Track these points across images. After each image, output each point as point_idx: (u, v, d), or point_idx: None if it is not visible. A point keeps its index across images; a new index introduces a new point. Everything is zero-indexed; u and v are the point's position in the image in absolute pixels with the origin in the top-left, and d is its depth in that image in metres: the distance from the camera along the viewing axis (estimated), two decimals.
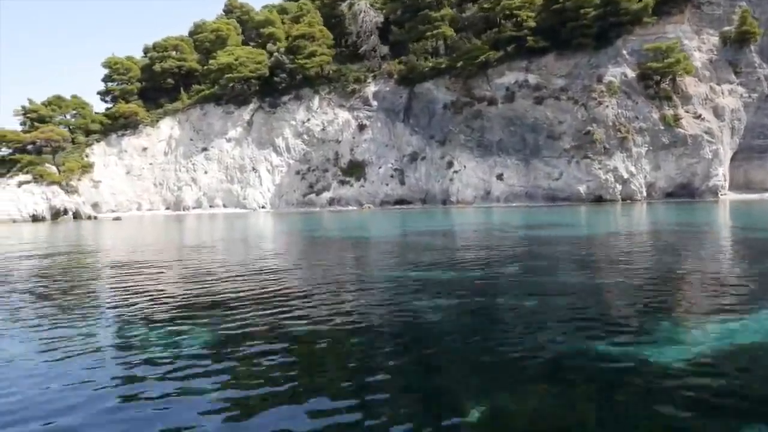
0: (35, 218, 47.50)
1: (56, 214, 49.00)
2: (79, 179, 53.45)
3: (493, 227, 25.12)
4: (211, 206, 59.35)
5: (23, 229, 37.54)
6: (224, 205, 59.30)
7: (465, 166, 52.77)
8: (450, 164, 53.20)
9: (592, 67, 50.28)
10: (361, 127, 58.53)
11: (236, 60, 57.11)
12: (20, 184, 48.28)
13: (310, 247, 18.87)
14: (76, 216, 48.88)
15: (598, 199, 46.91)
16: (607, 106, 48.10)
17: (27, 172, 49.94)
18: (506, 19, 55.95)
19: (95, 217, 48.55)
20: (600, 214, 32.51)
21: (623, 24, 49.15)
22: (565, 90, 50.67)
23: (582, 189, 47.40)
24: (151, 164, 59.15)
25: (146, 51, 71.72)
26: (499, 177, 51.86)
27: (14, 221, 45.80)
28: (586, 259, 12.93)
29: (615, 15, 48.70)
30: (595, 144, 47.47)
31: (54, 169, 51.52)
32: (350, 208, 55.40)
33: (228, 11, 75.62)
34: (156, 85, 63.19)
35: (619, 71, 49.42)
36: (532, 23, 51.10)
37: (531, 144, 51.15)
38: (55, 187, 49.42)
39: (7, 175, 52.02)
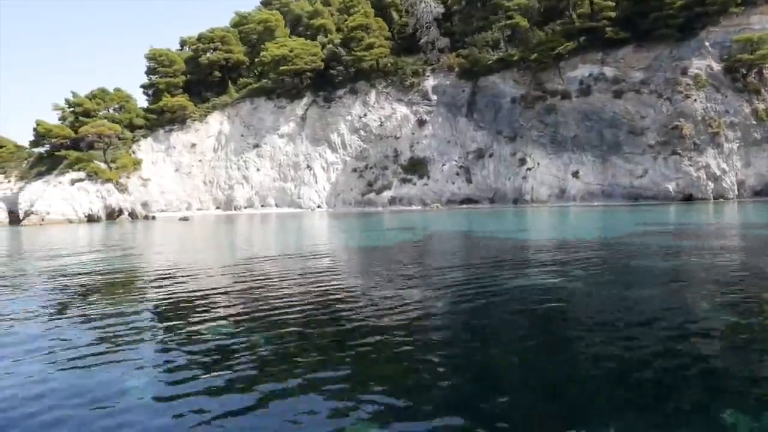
0: (90, 218, 44.45)
1: (110, 214, 45.97)
2: (128, 177, 50.38)
3: (617, 231, 22.44)
4: (262, 206, 56.52)
5: (92, 231, 34.56)
6: (276, 205, 56.49)
7: (538, 164, 50.30)
8: (522, 161, 50.68)
9: (675, 60, 47.90)
10: (421, 123, 55.93)
11: (291, 52, 54.23)
12: (73, 182, 45.15)
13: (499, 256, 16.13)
14: (132, 216, 45.83)
15: (688, 198, 44.56)
16: (695, 100, 45.78)
17: (79, 169, 46.81)
18: (575, 8, 53.73)
19: (153, 217, 45.54)
20: (706, 214, 29.90)
21: (709, 14, 46.85)
22: (646, 83, 48.29)
23: (671, 187, 45.02)
24: (200, 161, 56.19)
25: (183, 44, 68.78)
26: (575, 174, 49.42)
27: (70, 221, 42.73)
28: None
29: (701, 4, 46.40)
30: (684, 139, 45.12)
31: (104, 166, 48.41)
32: (413, 207, 52.78)
33: (266, 3, 72.64)
34: (201, 78, 60.17)
35: (704, 63, 47.08)
36: (611, 13, 48.58)
37: (609, 140, 48.73)
38: (110, 186, 46.43)
39: (55, 172, 48.91)
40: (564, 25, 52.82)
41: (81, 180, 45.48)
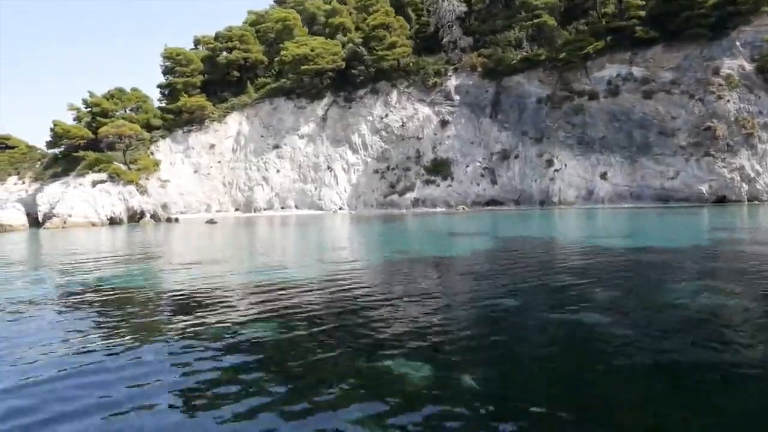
0: (112, 221, 43.42)
1: (132, 217, 44.95)
2: (147, 179, 49.36)
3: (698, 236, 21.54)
4: (282, 207, 55.57)
5: (123, 235, 33.57)
6: (296, 207, 55.54)
7: (565, 165, 49.53)
8: (549, 162, 49.90)
9: (705, 60, 47.23)
10: (444, 123, 55.10)
11: (312, 51, 53.30)
12: (94, 183, 44.10)
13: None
14: (154, 218, 44.80)
15: (721, 200, 43.86)
16: (728, 101, 45.11)
17: (99, 171, 45.76)
18: (600, 7, 53.06)
19: (176, 220, 44.51)
20: (743, 217, 29.14)
21: (741, 14, 46.21)
22: (676, 83, 47.60)
23: (704, 189, 44.31)
24: (219, 162, 55.19)
25: (197, 42, 67.72)
26: (603, 176, 48.66)
27: (93, 224, 41.69)
28: None
29: (733, 4, 45.74)
30: (717, 140, 44.44)
31: (124, 167, 47.36)
32: (437, 209, 51.95)
33: (280, 1, 71.69)
34: (218, 78, 59.15)
35: (735, 63, 46.44)
36: (640, 12, 47.85)
37: (638, 141, 48.01)
38: (131, 187, 45.38)
39: (74, 174, 47.86)
40: (590, 24, 52.11)
41: (102, 182, 44.41)
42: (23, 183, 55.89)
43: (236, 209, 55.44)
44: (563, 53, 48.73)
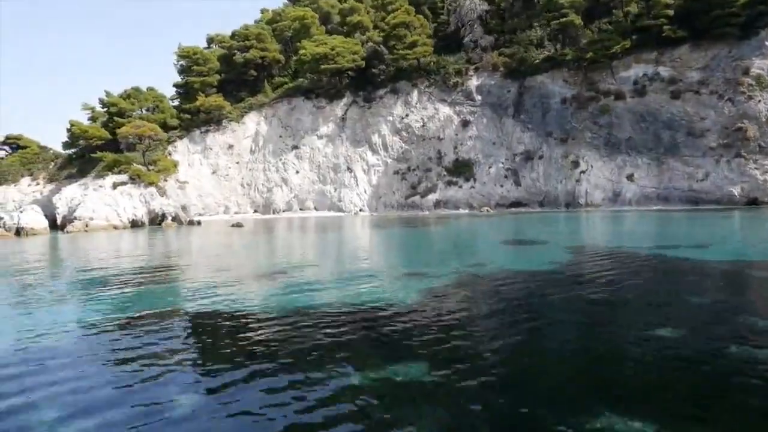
0: (134, 224, 42.55)
1: (153, 219, 44.06)
2: (165, 180, 48.46)
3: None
4: (301, 209, 54.74)
5: (155, 240, 32.76)
6: (316, 208, 54.73)
7: (592, 166, 48.86)
8: (575, 164, 49.19)
9: (734, 59, 46.54)
10: (465, 124, 54.32)
11: (332, 50, 52.41)
12: (115, 185, 43.18)
13: None
14: (176, 221, 43.91)
15: (753, 202, 43.23)
16: (759, 101, 44.46)
17: (119, 172, 44.83)
18: (624, 6, 52.34)
19: (198, 222, 43.61)
20: None
21: None
22: (704, 83, 46.91)
23: (735, 191, 43.67)
24: (237, 163, 54.32)
25: (210, 41, 66.78)
26: (629, 178, 48.00)
27: (115, 227, 40.80)
28: None
29: (763, 2, 45.04)
30: (748, 142, 43.80)
31: (144, 168, 46.44)
32: (461, 211, 51.21)
33: (295, 0, 70.71)
34: (234, 77, 58.20)
35: (765, 63, 45.72)
36: (668, 11, 47.11)
37: (666, 142, 47.34)
38: (153, 189, 44.48)
39: (92, 175, 46.92)
40: (613, 23, 51.38)
41: (123, 183, 43.49)
42: (37, 184, 54.96)
43: (255, 211, 54.60)
44: (590, 53, 47.93)
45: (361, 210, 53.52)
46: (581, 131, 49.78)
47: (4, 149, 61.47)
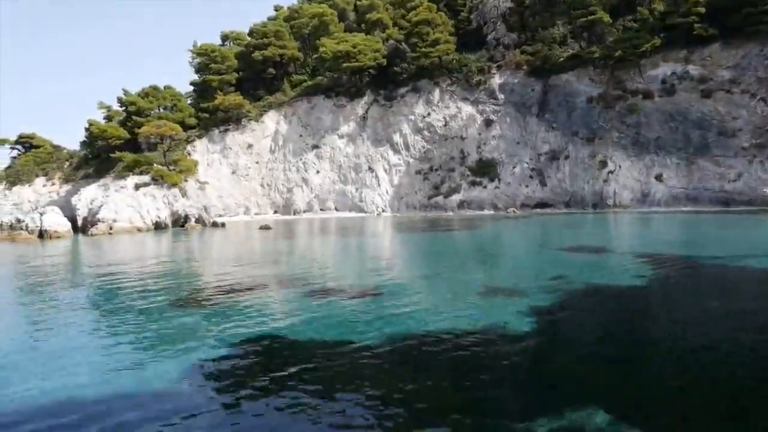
0: (158, 226, 41.67)
1: (176, 221, 43.20)
2: (185, 180, 47.55)
3: None
4: (321, 209, 53.87)
5: (185, 244, 31.92)
6: (336, 209, 53.86)
7: (620, 166, 48.10)
8: (603, 164, 48.42)
9: (766, 58, 45.82)
10: (488, 123, 53.49)
11: (354, 48, 51.48)
12: (137, 186, 42.27)
13: None
14: (200, 223, 43.03)
15: None
16: None
17: (141, 173, 43.92)
18: (651, 3, 51.48)
19: (223, 224, 42.72)
20: None
21: None
22: (735, 82, 46.15)
23: None
24: (257, 163, 53.41)
25: (225, 38, 65.78)
26: (658, 178, 47.27)
27: (138, 230, 39.93)
28: None
29: None
30: None
31: (165, 169, 45.51)
32: (485, 212, 50.41)
33: None
34: (251, 75, 57.23)
35: None
36: (700, 9, 46.25)
37: (696, 141, 46.59)
38: (176, 191, 43.57)
39: (112, 175, 45.99)
40: (638, 20, 50.48)
41: (146, 184, 42.56)
42: (53, 184, 54.02)
43: (275, 211, 53.76)
44: (618, 51, 47.06)
45: (383, 211, 52.67)
46: (608, 131, 48.99)
47: (16, 148, 60.45)
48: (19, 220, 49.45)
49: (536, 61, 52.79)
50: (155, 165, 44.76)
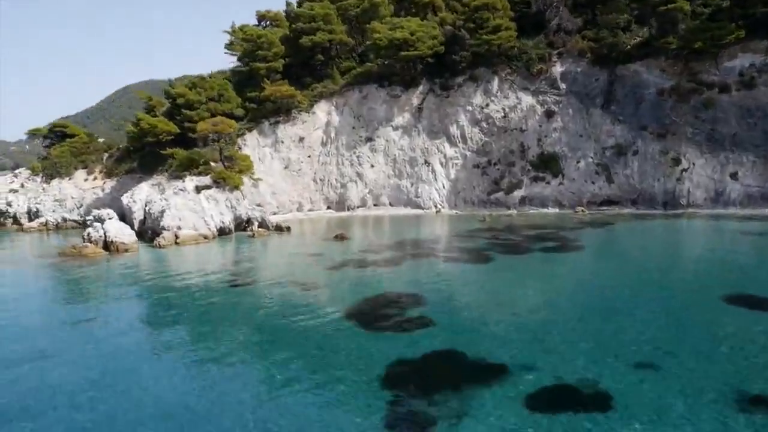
0: (222, 232, 39.77)
1: (238, 225, 41.28)
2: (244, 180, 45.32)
3: None
4: (375, 205, 51.97)
5: (296, 259, 30.02)
6: (391, 204, 51.99)
7: (693, 164, 46.26)
8: (676, 161, 46.55)
9: None
10: (549, 114, 51.21)
11: (412, 35, 48.60)
12: (199, 189, 40.10)
13: None
14: (262, 227, 41.11)
15: None
16: None
17: (199, 173, 41.69)
18: None
19: (288, 229, 40.80)
20: None
21: None
22: None
23: None
24: (309, 157, 51.16)
25: (261, 18, 62.32)
26: (733, 176, 45.55)
27: (204, 237, 38.02)
28: None
29: None
30: None
31: (225, 169, 43.24)
32: (549, 210, 48.69)
33: None
34: (297, 62, 54.26)
35: None
36: None
37: None
38: (237, 193, 41.49)
39: (166, 174, 43.75)
40: (718, 9, 47.68)
41: (207, 187, 40.38)
42: (94, 179, 51.67)
43: (328, 207, 51.82)
44: (698, 42, 44.50)
45: (442, 208, 50.79)
46: (682, 126, 46.90)
47: (49, 138, 57.70)
48: (66, 219, 47.50)
49: (601, 49, 50.19)
50: (212, 164, 42.48)
